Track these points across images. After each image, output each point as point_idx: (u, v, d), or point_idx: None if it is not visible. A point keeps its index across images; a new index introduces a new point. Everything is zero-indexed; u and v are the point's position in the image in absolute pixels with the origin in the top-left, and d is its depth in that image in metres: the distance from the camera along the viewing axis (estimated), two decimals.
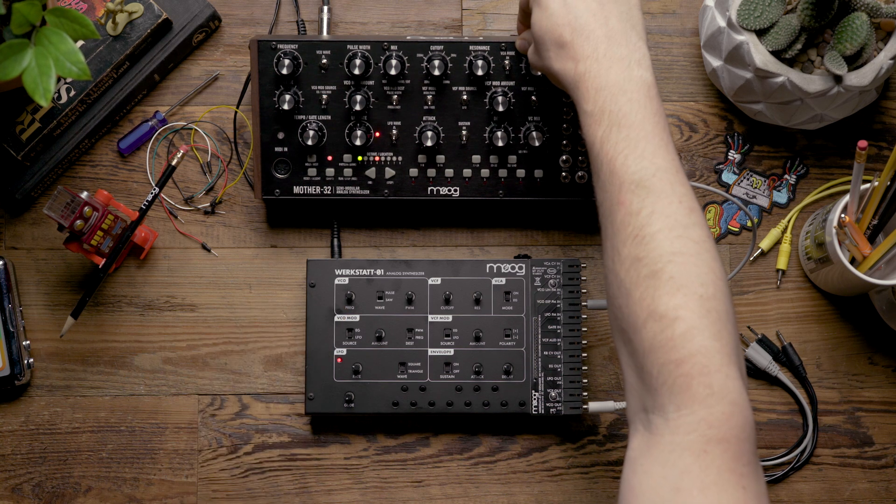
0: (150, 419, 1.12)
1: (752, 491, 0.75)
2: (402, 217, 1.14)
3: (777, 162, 1.15)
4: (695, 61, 1.15)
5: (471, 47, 1.07)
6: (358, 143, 1.07)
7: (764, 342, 1.12)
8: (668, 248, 0.80)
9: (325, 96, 1.07)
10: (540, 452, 1.12)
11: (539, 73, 1.07)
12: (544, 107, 1.08)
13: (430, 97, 1.08)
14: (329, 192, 1.09)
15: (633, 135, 0.84)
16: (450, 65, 1.07)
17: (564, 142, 1.09)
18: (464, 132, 1.08)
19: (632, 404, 0.82)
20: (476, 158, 1.09)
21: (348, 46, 1.07)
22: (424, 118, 1.08)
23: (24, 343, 1.10)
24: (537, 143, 1.07)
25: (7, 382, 1.09)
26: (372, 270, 1.09)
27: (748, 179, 1.14)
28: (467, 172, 1.09)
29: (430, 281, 1.09)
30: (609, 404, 1.09)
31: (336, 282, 1.09)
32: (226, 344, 1.12)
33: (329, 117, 1.08)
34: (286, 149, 1.08)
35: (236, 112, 1.13)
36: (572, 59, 0.89)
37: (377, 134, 1.08)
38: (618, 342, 0.84)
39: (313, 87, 1.07)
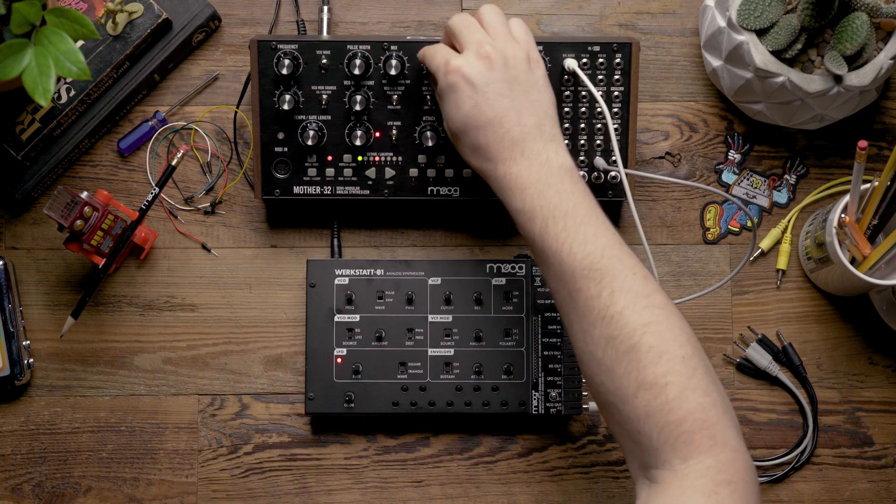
0: (150, 419, 1.12)
1: None
2: (402, 217, 1.14)
3: (777, 162, 1.15)
4: (695, 61, 1.15)
5: None
6: (358, 143, 1.07)
7: (764, 342, 1.12)
8: (638, 321, 0.83)
9: (325, 96, 1.07)
10: (540, 452, 1.12)
11: None
12: None
13: (429, 97, 1.08)
14: (329, 192, 1.09)
15: (570, 224, 0.88)
16: None
17: (565, 141, 1.08)
18: None
19: (632, 466, 0.86)
20: None
21: (348, 46, 1.07)
22: (424, 118, 1.08)
23: (24, 343, 1.10)
24: None
25: (7, 382, 1.09)
26: (372, 270, 1.09)
27: (748, 179, 1.14)
28: (467, 172, 1.09)
29: (430, 281, 1.09)
30: None
31: (336, 282, 1.09)
32: (226, 344, 1.12)
33: (329, 117, 1.08)
34: (286, 149, 1.08)
35: (236, 112, 1.13)
36: (489, 160, 0.92)
37: (377, 134, 1.08)
38: (605, 413, 0.87)
39: (313, 87, 1.07)
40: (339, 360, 1.08)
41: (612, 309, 0.84)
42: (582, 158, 1.09)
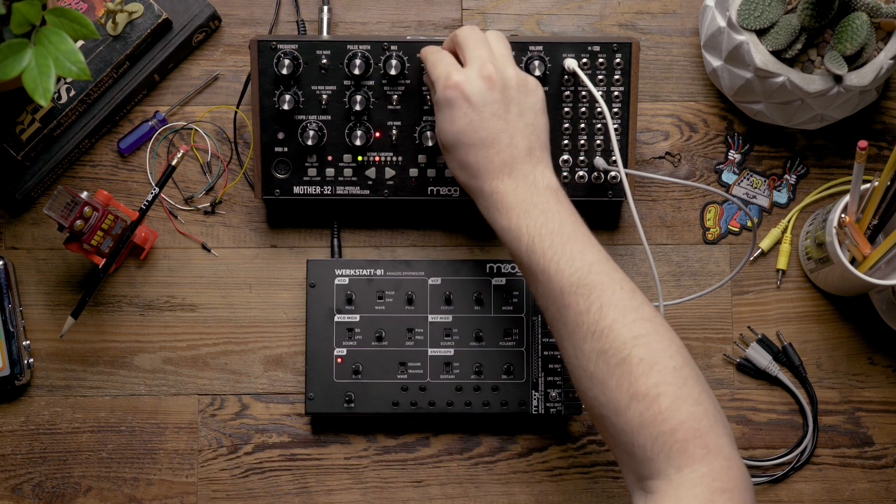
0: (150, 419, 1.12)
1: None
2: (402, 217, 1.14)
3: (777, 162, 1.15)
4: (695, 61, 1.15)
5: None
6: (358, 143, 1.07)
7: (764, 342, 1.12)
8: (627, 334, 0.84)
9: (325, 96, 1.07)
10: (540, 452, 1.12)
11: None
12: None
13: (430, 97, 1.08)
14: (329, 192, 1.09)
15: (556, 241, 0.89)
16: None
17: (565, 141, 1.08)
18: None
19: (628, 478, 0.86)
20: None
21: (348, 46, 1.07)
22: (424, 118, 1.08)
23: (24, 343, 1.10)
24: None
25: (7, 382, 1.09)
26: (372, 270, 1.09)
27: (748, 179, 1.14)
28: None
29: (430, 281, 1.09)
30: None
31: (336, 282, 1.09)
32: (226, 344, 1.12)
33: (329, 117, 1.08)
34: (286, 149, 1.08)
35: (236, 112, 1.13)
36: (477, 178, 0.94)
37: (377, 134, 1.08)
38: (599, 426, 0.88)
39: (313, 87, 1.07)
40: (339, 360, 1.08)
41: (602, 323, 0.85)
42: (582, 158, 1.09)
